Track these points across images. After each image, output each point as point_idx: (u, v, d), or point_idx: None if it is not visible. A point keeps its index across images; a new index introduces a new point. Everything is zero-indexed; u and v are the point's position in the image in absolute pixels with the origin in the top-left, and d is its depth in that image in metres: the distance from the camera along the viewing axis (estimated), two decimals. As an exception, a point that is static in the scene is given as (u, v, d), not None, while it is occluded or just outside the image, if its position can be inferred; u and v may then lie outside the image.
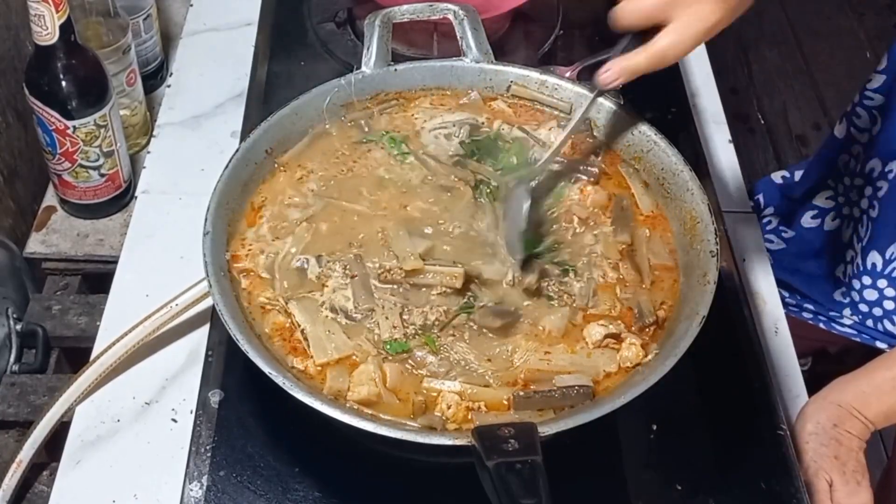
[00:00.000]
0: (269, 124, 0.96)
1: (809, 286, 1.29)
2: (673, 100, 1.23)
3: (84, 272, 1.14)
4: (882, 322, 1.23)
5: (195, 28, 1.36)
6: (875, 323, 1.24)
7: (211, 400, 0.91)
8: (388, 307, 0.86)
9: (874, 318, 1.23)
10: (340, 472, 0.88)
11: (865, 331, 1.25)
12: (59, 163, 1.10)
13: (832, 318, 1.28)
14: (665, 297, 0.89)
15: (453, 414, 0.79)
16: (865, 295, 1.22)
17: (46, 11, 0.99)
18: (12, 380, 1.00)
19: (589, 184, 0.97)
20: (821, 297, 1.29)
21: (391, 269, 0.88)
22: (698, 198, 0.91)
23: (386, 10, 1.05)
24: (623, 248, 0.92)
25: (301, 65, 1.27)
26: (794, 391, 1.02)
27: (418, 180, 0.97)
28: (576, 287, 0.88)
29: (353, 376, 0.81)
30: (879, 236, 1.18)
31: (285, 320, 0.85)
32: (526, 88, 1.02)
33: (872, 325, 1.24)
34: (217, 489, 0.86)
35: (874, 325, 1.24)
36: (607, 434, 0.91)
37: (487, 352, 0.84)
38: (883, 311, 1.22)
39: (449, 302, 0.86)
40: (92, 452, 0.93)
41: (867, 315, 1.24)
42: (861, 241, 1.21)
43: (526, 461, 0.68)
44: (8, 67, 1.18)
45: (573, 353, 0.84)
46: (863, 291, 1.22)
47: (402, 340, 0.84)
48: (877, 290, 1.21)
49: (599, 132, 1.01)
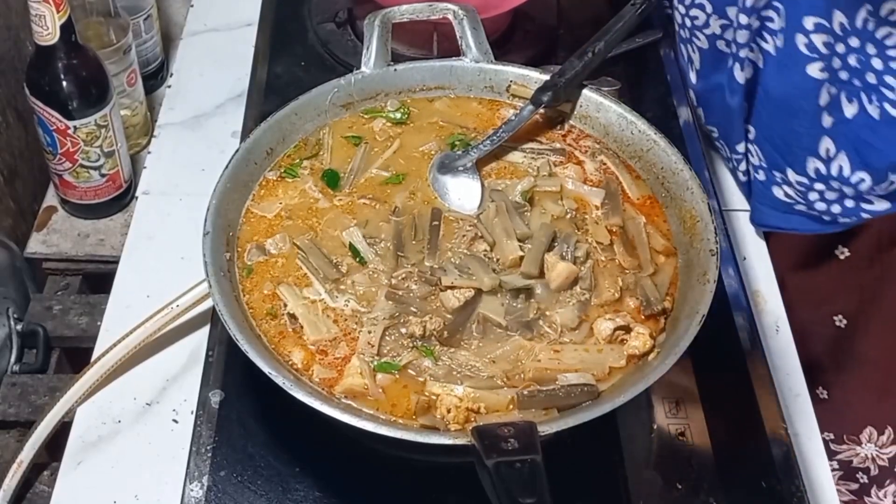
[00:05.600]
0: (269, 124, 0.96)
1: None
2: (672, 99, 1.23)
3: (85, 272, 1.15)
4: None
5: (195, 28, 1.36)
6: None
7: (211, 400, 0.91)
8: (379, 317, 0.85)
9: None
10: (341, 472, 0.88)
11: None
12: (59, 163, 1.10)
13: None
14: (670, 282, 0.89)
15: (454, 417, 0.79)
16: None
17: (47, 11, 0.99)
18: (13, 380, 1.00)
19: (571, 164, 0.98)
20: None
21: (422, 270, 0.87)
22: (698, 196, 0.91)
23: (385, 11, 1.05)
24: (615, 230, 0.92)
25: (301, 65, 1.27)
26: (795, 391, 1.02)
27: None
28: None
29: (346, 368, 0.82)
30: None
31: (284, 319, 0.86)
32: (526, 88, 1.02)
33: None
34: (217, 489, 0.86)
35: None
36: (608, 433, 0.91)
37: (491, 353, 0.83)
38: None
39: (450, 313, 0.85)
40: (93, 453, 0.93)
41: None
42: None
43: (525, 460, 0.68)
44: (8, 67, 1.18)
45: (586, 351, 0.84)
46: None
47: (391, 360, 0.82)
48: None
49: (589, 123, 1.01)
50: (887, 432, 1.29)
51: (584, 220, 0.93)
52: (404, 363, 0.82)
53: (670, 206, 0.94)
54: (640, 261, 0.90)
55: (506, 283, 0.86)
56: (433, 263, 0.88)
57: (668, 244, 0.92)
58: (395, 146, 1.00)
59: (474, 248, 0.90)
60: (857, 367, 1.25)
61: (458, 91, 1.05)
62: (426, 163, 0.98)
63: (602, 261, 0.90)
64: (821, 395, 1.27)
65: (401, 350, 0.83)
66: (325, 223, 0.93)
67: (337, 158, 0.98)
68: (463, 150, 0.97)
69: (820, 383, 1.26)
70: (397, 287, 0.87)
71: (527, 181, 0.96)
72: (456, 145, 0.99)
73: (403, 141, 1.00)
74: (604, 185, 0.96)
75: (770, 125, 1.09)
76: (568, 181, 0.96)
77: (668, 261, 0.91)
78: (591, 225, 0.93)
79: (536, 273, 0.87)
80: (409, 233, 0.91)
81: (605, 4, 1.36)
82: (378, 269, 0.88)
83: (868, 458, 1.32)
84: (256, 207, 0.94)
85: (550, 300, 0.87)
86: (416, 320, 0.84)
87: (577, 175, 0.97)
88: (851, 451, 1.30)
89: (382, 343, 0.83)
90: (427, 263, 0.88)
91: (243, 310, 0.85)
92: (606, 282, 0.88)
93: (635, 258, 0.90)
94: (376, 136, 1.01)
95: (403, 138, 1.00)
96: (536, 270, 0.87)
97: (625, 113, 0.99)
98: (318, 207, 0.94)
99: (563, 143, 1.01)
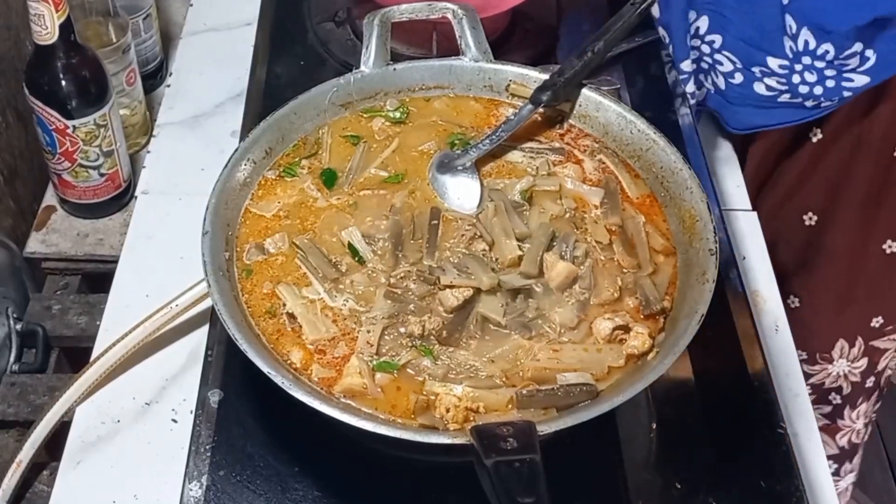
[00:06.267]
0: (268, 124, 0.96)
1: None
2: (672, 98, 1.23)
3: (84, 272, 1.15)
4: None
5: (195, 28, 1.36)
6: None
7: (210, 400, 0.91)
8: (378, 316, 0.85)
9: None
10: (340, 472, 0.88)
11: None
12: (58, 162, 1.10)
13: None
14: (669, 281, 0.89)
15: (453, 416, 0.79)
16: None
17: (46, 11, 0.99)
18: (12, 379, 1.00)
19: (570, 163, 0.98)
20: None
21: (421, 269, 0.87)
22: (697, 196, 0.91)
23: (385, 10, 1.05)
24: (614, 229, 0.92)
25: (301, 64, 1.27)
26: (794, 390, 1.02)
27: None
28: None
29: (345, 368, 0.82)
30: None
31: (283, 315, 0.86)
32: (525, 87, 1.02)
33: None
34: (217, 489, 0.86)
35: None
36: (607, 433, 0.91)
37: (490, 352, 0.83)
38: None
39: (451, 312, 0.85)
40: (92, 452, 0.93)
41: None
42: None
43: (525, 460, 0.68)
44: (8, 67, 1.18)
45: (585, 350, 0.84)
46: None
47: (390, 360, 0.83)
48: None
49: (588, 123, 1.01)
50: (857, 343, 1.31)
51: (583, 219, 0.93)
52: (403, 363, 0.82)
53: (669, 206, 0.94)
54: (640, 260, 0.90)
55: (505, 282, 0.86)
56: (432, 263, 0.88)
57: (668, 243, 0.92)
58: (394, 145, 1.00)
59: (473, 248, 0.90)
60: (824, 266, 1.28)
61: (457, 90, 1.04)
62: (425, 162, 0.98)
63: (601, 260, 0.90)
64: (792, 304, 1.29)
65: (400, 349, 0.83)
66: (323, 222, 0.93)
67: (336, 158, 0.98)
68: (462, 150, 0.97)
69: (791, 291, 1.29)
70: (396, 286, 0.87)
71: (526, 180, 0.96)
72: (456, 144, 0.99)
73: (402, 140, 1.00)
74: (603, 185, 0.96)
75: (741, 21, 1.12)
76: (567, 180, 0.96)
77: (667, 260, 0.91)
78: (590, 224, 0.93)
79: (536, 273, 0.87)
80: (408, 232, 0.91)
81: (605, 4, 1.36)
82: (377, 268, 0.88)
83: (840, 375, 1.34)
84: (255, 207, 0.94)
85: (549, 300, 0.87)
86: (414, 320, 0.84)
87: (577, 174, 0.97)
88: (824, 371, 1.32)
89: (381, 342, 0.83)
90: (426, 263, 0.88)
91: (242, 309, 0.85)
92: (605, 281, 0.88)
93: (634, 257, 0.90)
94: (375, 136, 1.01)
95: (402, 138, 1.00)
96: (536, 270, 0.87)
97: (624, 112, 0.99)
98: (317, 207, 0.94)
99: (562, 143, 1.01)
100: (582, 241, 0.91)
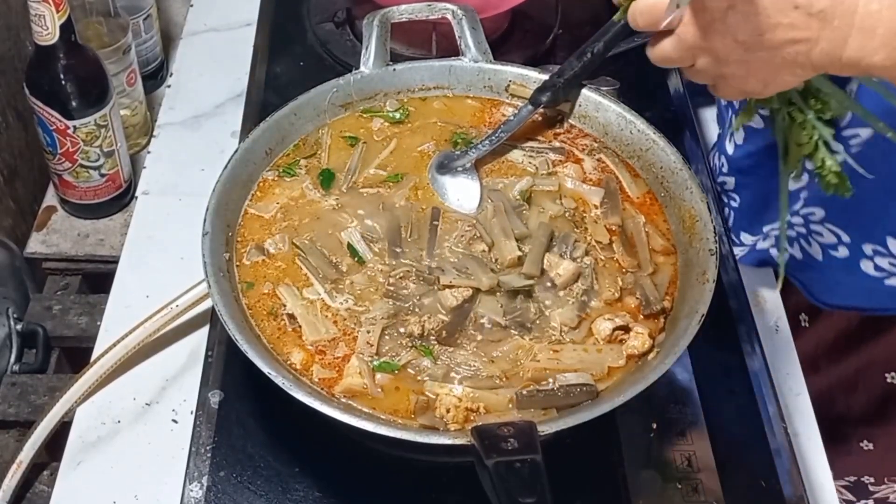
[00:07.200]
0: (268, 124, 0.96)
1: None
2: (672, 98, 1.23)
3: (84, 272, 1.15)
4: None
5: (195, 28, 1.36)
6: None
7: (211, 400, 0.91)
8: (378, 317, 0.85)
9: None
10: (340, 472, 0.88)
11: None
12: (59, 163, 1.10)
13: None
14: (669, 281, 0.89)
15: (453, 417, 0.79)
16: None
17: (47, 11, 0.99)
18: (13, 380, 1.00)
19: (570, 162, 0.98)
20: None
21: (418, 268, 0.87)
22: (697, 196, 0.91)
23: (384, 10, 1.05)
24: (614, 229, 0.92)
25: (300, 65, 1.27)
26: (795, 390, 1.02)
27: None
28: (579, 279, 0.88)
29: (345, 368, 0.82)
30: None
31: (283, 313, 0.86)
32: (524, 88, 1.02)
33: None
34: (217, 489, 0.86)
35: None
36: (607, 433, 0.91)
37: (490, 353, 0.83)
38: None
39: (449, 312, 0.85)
40: (93, 453, 0.93)
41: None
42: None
43: (525, 460, 0.68)
44: (8, 67, 1.18)
45: (585, 350, 0.84)
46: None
47: (390, 360, 0.83)
48: None
49: (588, 123, 1.01)
50: None
51: (582, 218, 0.93)
52: (403, 363, 0.82)
53: (669, 206, 0.94)
54: (640, 260, 0.90)
55: (504, 283, 0.86)
56: (432, 263, 0.88)
57: (668, 243, 0.92)
58: (392, 146, 1.00)
59: (473, 249, 0.90)
60: None
61: (456, 91, 1.04)
62: (425, 162, 0.98)
63: (601, 260, 0.90)
64: (865, 447, 1.23)
65: (400, 350, 0.83)
66: (323, 223, 0.93)
67: (335, 158, 0.98)
68: (462, 150, 0.98)
69: (865, 436, 1.21)
70: (396, 286, 0.87)
71: (525, 180, 0.96)
72: (459, 143, 0.99)
73: (402, 141, 1.00)
74: (603, 184, 0.96)
75: (860, 204, 0.95)
76: (567, 180, 0.96)
77: (667, 260, 0.91)
78: (590, 224, 0.93)
79: (538, 274, 0.87)
80: (407, 232, 0.91)
81: (605, 4, 1.36)
82: (377, 268, 0.88)
83: None
84: (254, 207, 0.94)
85: (549, 300, 0.87)
86: (414, 320, 0.84)
87: (576, 174, 0.97)
88: (889, 489, 1.28)
89: (381, 343, 0.83)
90: (426, 263, 0.88)
91: (242, 310, 0.85)
92: (606, 281, 0.88)
93: (634, 257, 0.90)
94: (374, 136, 1.01)
95: (402, 138, 1.00)
96: (538, 271, 0.87)
97: (624, 112, 0.99)
98: (316, 207, 0.94)
99: (561, 142, 1.01)
100: (582, 240, 0.91)
